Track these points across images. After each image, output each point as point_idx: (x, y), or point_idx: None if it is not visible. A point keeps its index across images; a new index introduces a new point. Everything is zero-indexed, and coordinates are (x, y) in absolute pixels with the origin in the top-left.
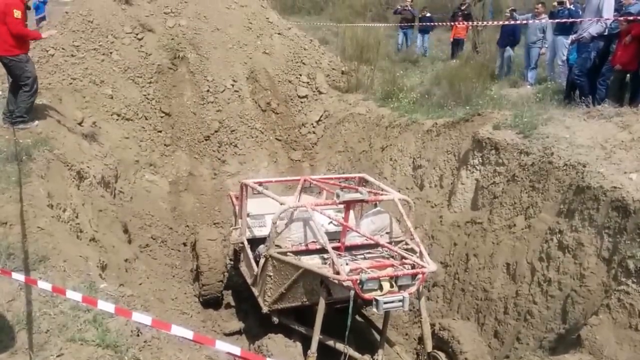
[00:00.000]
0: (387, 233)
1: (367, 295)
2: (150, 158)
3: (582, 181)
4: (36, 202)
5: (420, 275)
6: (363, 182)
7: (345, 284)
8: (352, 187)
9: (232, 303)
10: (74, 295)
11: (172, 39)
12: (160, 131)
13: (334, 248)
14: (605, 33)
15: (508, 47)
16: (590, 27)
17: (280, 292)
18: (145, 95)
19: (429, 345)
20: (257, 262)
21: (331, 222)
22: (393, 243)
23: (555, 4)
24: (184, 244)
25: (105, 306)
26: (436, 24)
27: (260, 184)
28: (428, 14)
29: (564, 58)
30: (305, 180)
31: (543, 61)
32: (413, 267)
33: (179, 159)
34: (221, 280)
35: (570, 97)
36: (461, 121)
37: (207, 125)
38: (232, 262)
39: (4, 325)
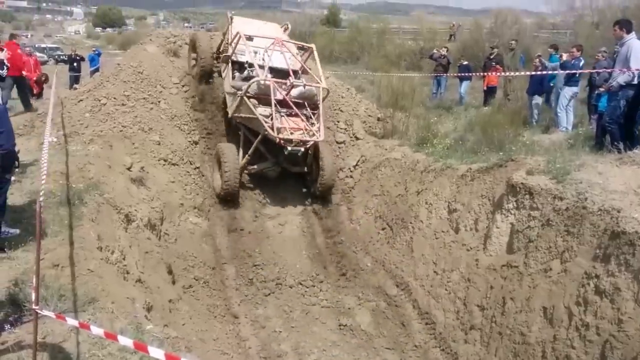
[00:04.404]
0: (315, 97)
1: (283, 144)
2: (195, 201)
3: (617, 226)
4: (87, 244)
5: (313, 141)
6: (311, 51)
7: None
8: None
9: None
10: (126, 341)
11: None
12: (204, 175)
13: (281, 100)
14: (635, 82)
15: (536, 95)
16: (619, 77)
17: (241, 116)
18: (190, 141)
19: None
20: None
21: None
22: (318, 104)
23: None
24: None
25: (155, 353)
26: (474, 74)
27: (249, 37)
28: (465, 62)
29: (562, 108)
30: (276, 40)
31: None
32: (313, 134)
33: (222, 201)
34: (236, 180)
35: (602, 144)
36: (495, 166)
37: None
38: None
39: None
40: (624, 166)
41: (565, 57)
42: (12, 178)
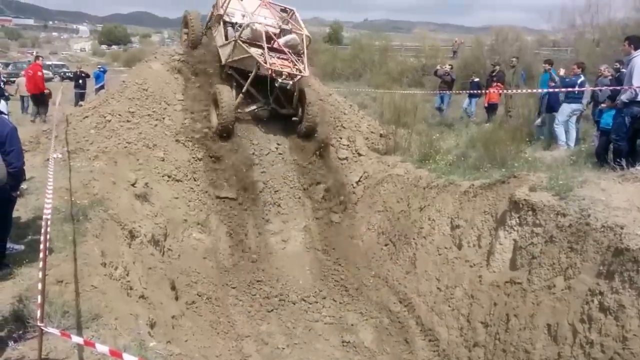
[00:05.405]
0: (299, 45)
1: (274, 76)
2: (198, 217)
3: (621, 243)
4: (90, 260)
5: (299, 76)
6: (292, 13)
7: (266, 70)
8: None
9: None
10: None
11: None
12: (207, 191)
13: (272, 46)
14: (638, 99)
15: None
16: (623, 94)
17: (235, 59)
18: (194, 157)
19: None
20: (226, 38)
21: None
22: (302, 51)
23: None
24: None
25: None
26: (479, 91)
27: None
28: (477, 79)
29: (559, 122)
30: (262, 2)
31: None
32: (300, 71)
33: (225, 218)
34: (232, 116)
35: (603, 160)
36: (497, 183)
37: (252, 185)
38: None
39: None
40: (626, 183)
41: (562, 72)
42: (17, 194)
